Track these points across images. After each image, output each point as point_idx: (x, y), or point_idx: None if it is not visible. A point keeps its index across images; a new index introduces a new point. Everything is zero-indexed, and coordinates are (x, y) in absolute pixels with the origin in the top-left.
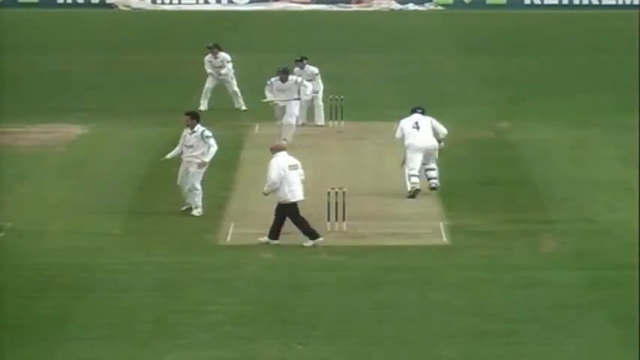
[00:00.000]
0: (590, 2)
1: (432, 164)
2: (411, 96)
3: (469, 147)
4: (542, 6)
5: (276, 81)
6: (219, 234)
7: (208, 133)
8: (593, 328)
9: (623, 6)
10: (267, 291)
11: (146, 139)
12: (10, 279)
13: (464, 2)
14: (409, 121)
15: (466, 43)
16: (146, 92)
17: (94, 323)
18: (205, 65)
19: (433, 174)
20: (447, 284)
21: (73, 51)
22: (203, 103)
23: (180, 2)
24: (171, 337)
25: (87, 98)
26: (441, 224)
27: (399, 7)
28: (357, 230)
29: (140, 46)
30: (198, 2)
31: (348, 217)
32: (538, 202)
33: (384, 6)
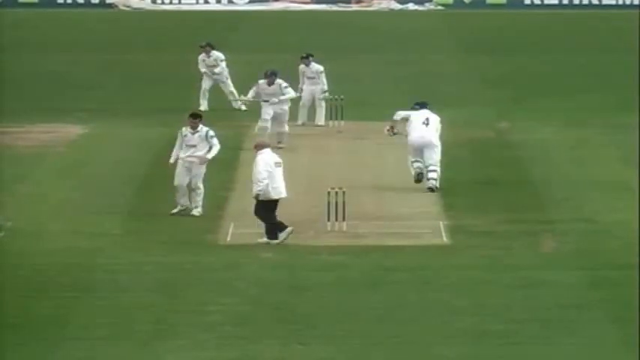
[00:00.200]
0: (590, 2)
1: (435, 165)
2: (411, 96)
3: (469, 147)
4: (542, 6)
5: (263, 84)
6: (219, 234)
7: (212, 133)
8: (593, 328)
9: (623, 6)
10: (267, 291)
11: (146, 139)
12: (10, 279)
13: (464, 2)
14: (420, 116)
15: (466, 43)
16: (146, 92)
17: (94, 323)
18: (199, 65)
19: (434, 175)
20: (447, 284)
21: (73, 51)
22: (203, 103)
23: (180, 2)
24: (171, 337)
25: (87, 98)
26: (441, 224)
27: (399, 7)
28: (357, 230)
29: (140, 46)
30: (198, 2)
31: (348, 217)
32: (538, 202)
33: (384, 6)
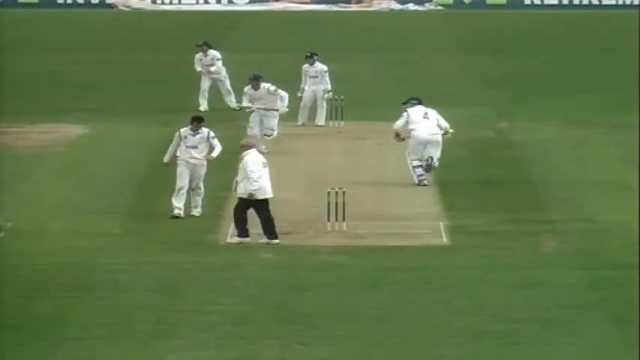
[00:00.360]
0: (590, 2)
1: (435, 158)
2: (411, 96)
3: (469, 147)
4: (542, 6)
5: (250, 89)
6: (219, 234)
7: (213, 134)
8: (593, 328)
9: (623, 6)
10: (267, 291)
11: (146, 139)
12: (10, 279)
13: (464, 2)
14: (418, 112)
15: (466, 43)
16: (146, 92)
17: (94, 323)
18: (195, 64)
19: (434, 156)
20: (447, 284)
21: (73, 51)
22: (202, 103)
23: (180, 2)
24: (171, 337)
25: (87, 98)
26: (441, 224)
27: (399, 7)
28: (357, 230)
29: (140, 46)
30: (198, 2)
31: (348, 217)
32: (538, 202)
33: (384, 6)
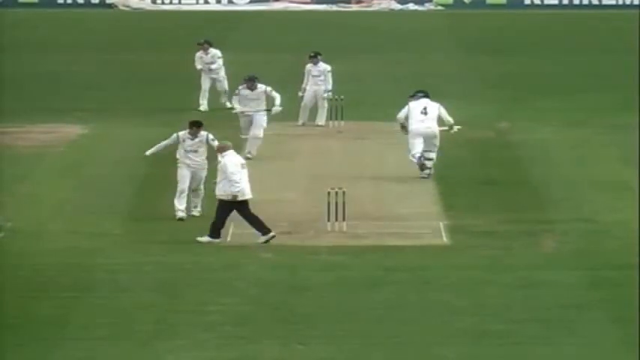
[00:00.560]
0: (590, 2)
1: (432, 153)
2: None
3: (469, 147)
4: (542, 6)
5: (244, 89)
6: (219, 234)
7: (212, 136)
8: (593, 328)
9: (623, 6)
10: (267, 291)
11: (146, 139)
12: (9, 279)
13: (464, 2)
14: (418, 106)
15: (466, 43)
16: (146, 92)
17: (94, 323)
18: (195, 62)
19: (429, 164)
20: (447, 284)
21: (73, 51)
22: (202, 103)
23: (180, 2)
24: (171, 337)
25: (87, 98)
26: (441, 224)
27: (399, 7)
28: (357, 230)
29: (140, 46)
30: (198, 2)
31: (348, 217)
32: (538, 202)
33: (384, 6)
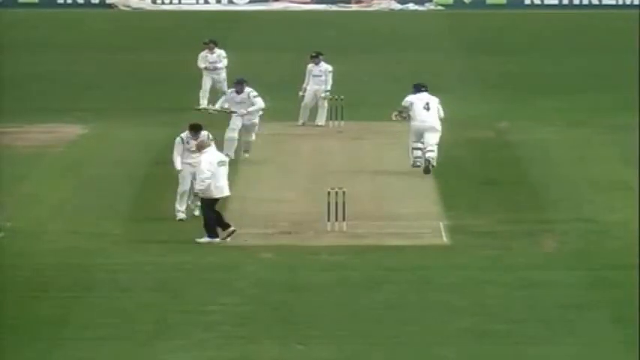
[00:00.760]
0: (590, 2)
1: (433, 146)
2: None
3: (469, 147)
4: (542, 6)
5: (232, 93)
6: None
7: (211, 136)
8: (593, 328)
9: (623, 6)
10: (267, 291)
11: (146, 139)
12: (9, 279)
13: (464, 2)
14: (420, 102)
15: (466, 43)
16: (146, 92)
17: (94, 323)
18: (199, 61)
19: (432, 155)
20: (447, 284)
21: (72, 51)
22: (202, 103)
23: (180, 2)
24: (171, 337)
25: (87, 98)
26: (441, 224)
27: (399, 7)
28: (357, 230)
29: (140, 46)
30: (198, 2)
31: (348, 217)
32: (538, 202)
33: (384, 6)
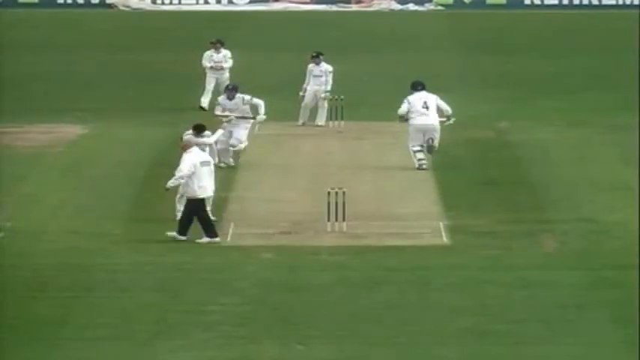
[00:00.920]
0: (590, 2)
1: (434, 143)
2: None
3: (469, 147)
4: (542, 6)
5: (224, 99)
6: (220, 234)
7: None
8: (593, 328)
9: (623, 6)
10: (267, 291)
11: (146, 139)
12: (9, 279)
13: (464, 2)
14: (418, 101)
15: (466, 43)
16: (146, 92)
17: (94, 323)
18: (204, 60)
19: (434, 142)
20: (447, 284)
21: (73, 51)
22: (204, 101)
23: (180, 2)
24: (171, 337)
25: (87, 98)
26: (441, 224)
27: (399, 7)
28: (357, 230)
29: (140, 46)
30: (198, 2)
31: (348, 217)
32: (538, 202)
33: (384, 6)
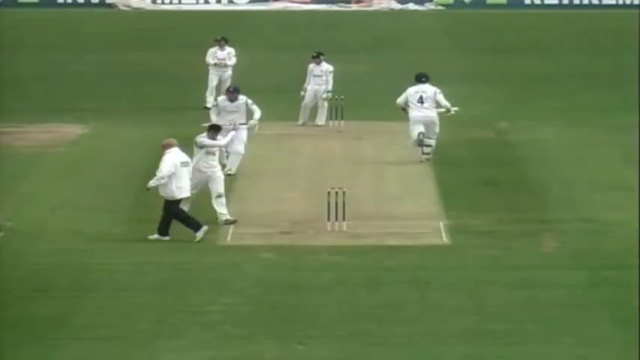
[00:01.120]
0: (590, 2)
1: (432, 140)
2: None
3: (469, 147)
4: (542, 6)
5: (224, 101)
6: (219, 234)
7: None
8: (593, 328)
9: (623, 6)
10: (267, 291)
11: (146, 139)
12: (9, 279)
13: (464, 2)
14: (415, 94)
15: (466, 43)
16: (146, 92)
17: (94, 323)
18: (207, 57)
19: (429, 149)
20: (447, 284)
21: (73, 51)
22: (209, 100)
23: (180, 2)
24: (171, 337)
25: (87, 98)
26: (441, 224)
27: (399, 7)
28: (357, 230)
29: (140, 46)
30: (198, 2)
31: (348, 217)
32: (538, 202)
33: (384, 6)
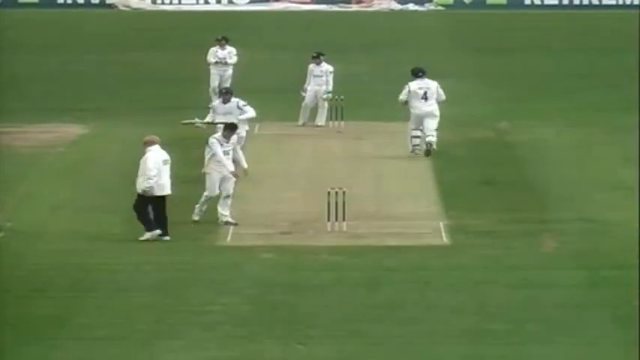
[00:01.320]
0: (590, 2)
1: (433, 131)
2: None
3: (469, 147)
4: (542, 6)
5: (218, 103)
6: (219, 234)
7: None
8: (593, 328)
9: (623, 6)
10: (267, 291)
11: None
12: (9, 279)
13: (464, 2)
14: (419, 91)
15: (466, 43)
16: (146, 92)
17: (93, 323)
18: (208, 55)
19: (432, 139)
20: (447, 284)
21: (73, 51)
22: (214, 99)
23: (180, 2)
24: (171, 337)
25: (87, 98)
26: (441, 224)
27: (399, 7)
28: (357, 230)
29: (140, 46)
30: (198, 2)
31: (348, 217)
32: (538, 202)
33: (384, 6)
